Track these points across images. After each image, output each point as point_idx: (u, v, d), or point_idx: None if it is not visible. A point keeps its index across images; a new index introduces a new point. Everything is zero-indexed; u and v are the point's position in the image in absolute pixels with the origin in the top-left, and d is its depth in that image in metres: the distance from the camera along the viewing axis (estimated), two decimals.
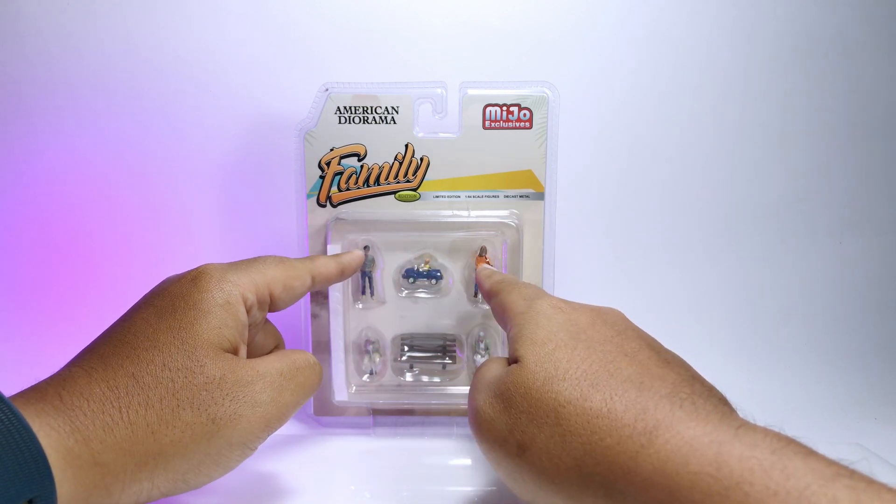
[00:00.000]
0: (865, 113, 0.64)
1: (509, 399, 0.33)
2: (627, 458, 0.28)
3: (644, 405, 0.29)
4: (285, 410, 0.36)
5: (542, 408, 0.31)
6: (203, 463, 0.34)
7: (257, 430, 0.35)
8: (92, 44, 0.59)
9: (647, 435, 0.28)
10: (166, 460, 0.33)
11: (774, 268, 0.65)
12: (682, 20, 0.61)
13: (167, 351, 0.34)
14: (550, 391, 0.31)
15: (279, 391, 0.36)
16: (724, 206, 0.64)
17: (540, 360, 0.33)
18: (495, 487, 0.42)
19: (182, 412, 0.33)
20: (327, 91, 0.46)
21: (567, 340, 0.34)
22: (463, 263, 0.49)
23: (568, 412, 0.30)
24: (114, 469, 0.31)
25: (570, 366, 0.32)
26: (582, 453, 0.29)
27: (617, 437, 0.29)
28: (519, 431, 0.32)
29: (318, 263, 0.43)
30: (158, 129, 0.61)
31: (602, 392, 0.30)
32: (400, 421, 0.50)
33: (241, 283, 0.38)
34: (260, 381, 0.36)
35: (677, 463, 0.26)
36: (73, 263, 0.63)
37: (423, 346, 0.50)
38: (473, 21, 0.60)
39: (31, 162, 0.62)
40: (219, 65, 0.60)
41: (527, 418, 0.32)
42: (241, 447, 0.35)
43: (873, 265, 0.65)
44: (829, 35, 0.62)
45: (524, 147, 0.47)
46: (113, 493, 0.32)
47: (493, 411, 0.33)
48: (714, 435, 0.26)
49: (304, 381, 0.38)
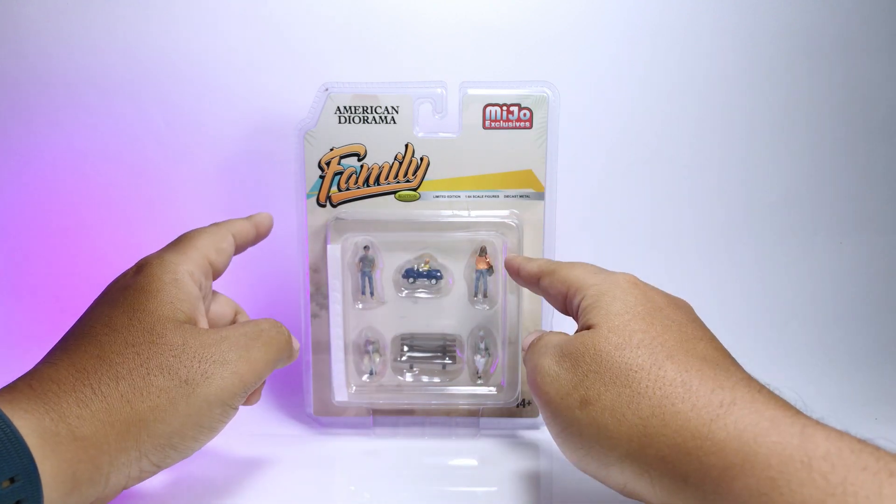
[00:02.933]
0: (865, 113, 0.64)
1: (577, 358, 0.33)
2: (700, 423, 0.28)
3: (721, 382, 0.30)
4: (256, 366, 0.37)
5: (612, 369, 0.32)
6: (186, 425, 0.34)
7: (231, 386, 0.35)
8: (91, 44, 0.59)
9: (724, 407, 0.28)
10: (148, 426, 0.33)
11: (774, 268, 0.65)
12: (683, 20, 0.61)
13: (126, 331, 0.35)
14: (623, 356, 0.32)
15: (246, 349, 0.37)
16: (725, 206, 0.64)
17: (615, 327, 0.33)
18: (496, 488, 0.42)
19: (153, 378, 0.34)
20: (327, 91, 0.46)
21: (643, 314, 0.34)
22: (463, 263, 0.49)
23: (640, 377, 0.31)
24: (96, 441, 0.32)
25: (645, 336, 0.32)
26: (649, 414, 0.30)
27: (691, 404, 0.29)
28: (584, 387, 0.32)
29: (235, 224, 0.44)
30: (158, 128, 0.61)
31: (677, 364, 0.31)
32: (400, 421, 0.50)
33: (180, 260, 0.39)
34: (224, 342, 0.36)
35: (756, 433, 0.26)
36: (73, 263, 0.63)
37: (423, 346, 0.50)
38: (473, 21, 0.60)
39: (30, 162, 0.62)
40: (218, 64, 0.60)
41: (595, 376, 0.32)
42: (220, 405, 0.35)
43: (873, 265, 0.65)
44: (829, 35, 0.62)
45: (524, 147, 0.47)
46: (101, 467, 0.32)
47: (558, 368, 0.34)
48: (796, 418, 0.27)
49: (270, 339, 0.39)
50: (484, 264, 0.48)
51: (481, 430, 0.50)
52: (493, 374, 0.50)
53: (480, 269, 0.48)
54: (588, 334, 0.34)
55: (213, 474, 0.43)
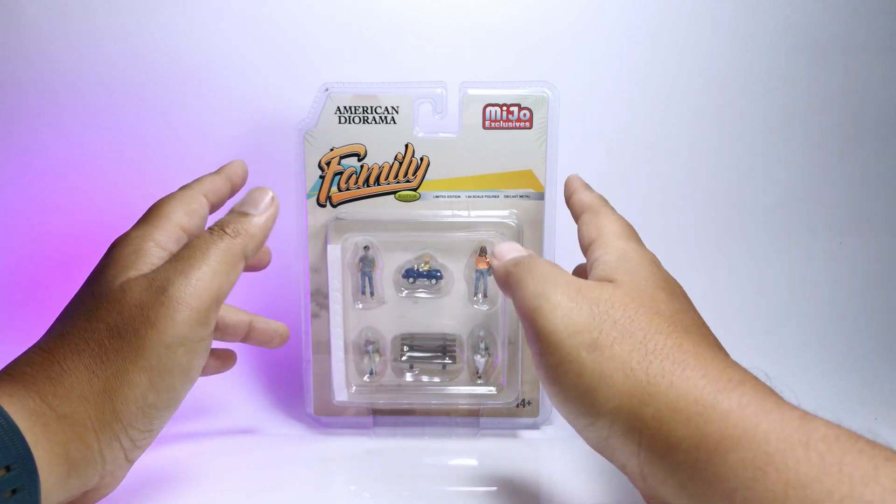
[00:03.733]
0: (865, 113, 0.64)
1: (597, 302, 0.32)
2: (707, 392, 0.28)
3: (732, 365, 0.30)
4: (201, 287, 0.34)
5: (632, 324, 0.31)
6: (153, 377, 0.33)
7: (182, 320, 0.33)
8: (92, 44, 0.59)
9: (732, 383, 0.28)
10: (118, 393, 0.32)
11: (774, 268, 0.65)
12: (683, 20, 0.61)
13: (83, 303, 0.35)
14: (645, 316, 0.32)
15: (184, 276, 0.34)
16: (724, 205, 0.64)
17: (640, 289, 0.33)
18: (496, 487, 0.43)
19: (107, 343, 0.33)
20: (327, 91, 0.46)
21: (666, 290, 0.34)
22: (463, 263, 0.49)
23: (657, 339, 0.31)
24: (78, 419, 0.31)
25: (667, 308, 0.32)
26: (658, 373, 0.29)
27: (702, 372, 0.29)
28: (598, 331, 0.31)
29: (204, 181, 0.42)
30: (158, 128, 0.61)
31: (694, 340, 0.31)
32: (400, 421, 0.50)
33: (146, 233, 0.37)
34: (157, 277, 0.34)
35: (759, 409, 0.27)
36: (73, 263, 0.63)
37: (423, 346, 0.50)
38: (473, 21, 0.60)
39: (31, 162, 0.62)
40: (218, 64, 0.60)
41: (611, 325, 0.31)
42: (180, 344, 0.34)
43: (873, 265, 0.65)
44: (829, 35, 0.62)
45: (524, 147, 0.47)
46: (91, 444, 0.32)
47: (572, 304, 0.32)
48: (800, 411, 0.27)
49: (205, 251, 0.36)
50: (484, 264, 0.48)
51: (481, 430, 0.50)
52: (493, 374, 0.50)
53: (480, 269, 0.48)
54: (611, 286, 0.33)
55: (214, 474, 0.43)
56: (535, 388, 0.50)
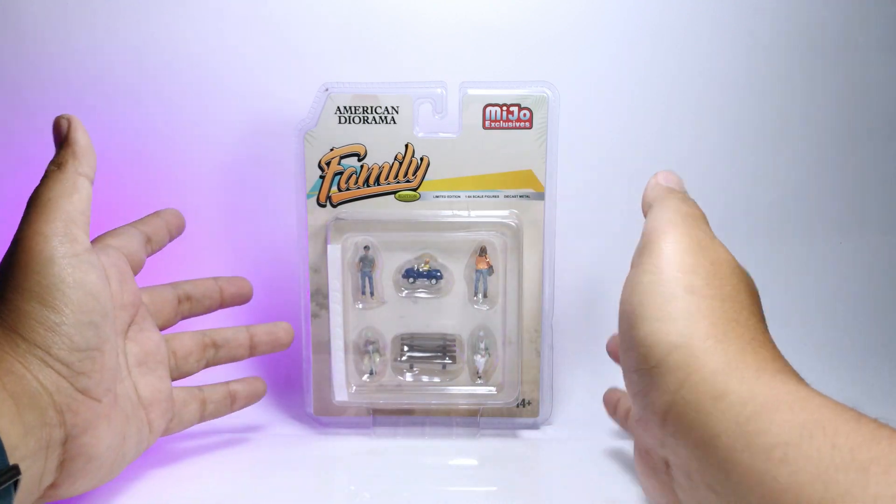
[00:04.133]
0: (865, 113, 0.64)
1: (715, 261, 0.36)
2: (752, 374, 0.30)
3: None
4: (49, 208, 0.38)
5: (727, 291, 0.34)
6: (44, 297, 0.34)
7: (43, 235, 0.36)
8: (91, 44, 0.59)
9: (787, 368, 0.32)
10: (16, 322, 0.33)
11: (774, 267, 0.65)
12: (683, 20, 0.61)
13: None
14: (742, 294, 0.35)
15: (34, 206, 0.39)
16: (724, 205, 0.64)
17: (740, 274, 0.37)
18: (496, 488, 0.43)
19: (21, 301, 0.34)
20: (327, 91, 0.46)
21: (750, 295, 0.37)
22: (463, 263, 0.49)
23: (742, 311, 0.34)
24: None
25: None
26: (728, 334, 0.32)
27: (771, 354, 0.33)
28: (702, 280, 0.34)
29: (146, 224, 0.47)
30: (158, 129, 0.61)
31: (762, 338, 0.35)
32: (400, 421, 0.50)
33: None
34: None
35: (814, 393, 0.29)
36: None
37: (423, 346, 0.50)
38: (473, 21, 0.60)
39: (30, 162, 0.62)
40: (218, 64, 0.60)
41: (718, 284, 0.34)
42: (51, 262, 0.35)
43: (873, 265, 0.65)
44: (829, 35, 0.62)
45: (524, 147, 0.47)
46: (21, 374, 0.32)
47: (696, 247, 0.36)
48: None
49: (41, 188, 0.39)
50: (484, 264, 0.48)
51: (481, 430, 0.50)
52: (493, 374, 0.50)
53: (480, 269, 0.48)
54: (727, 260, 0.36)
55: (213, 474, 0.43)
56: (535, 388, 0.50)
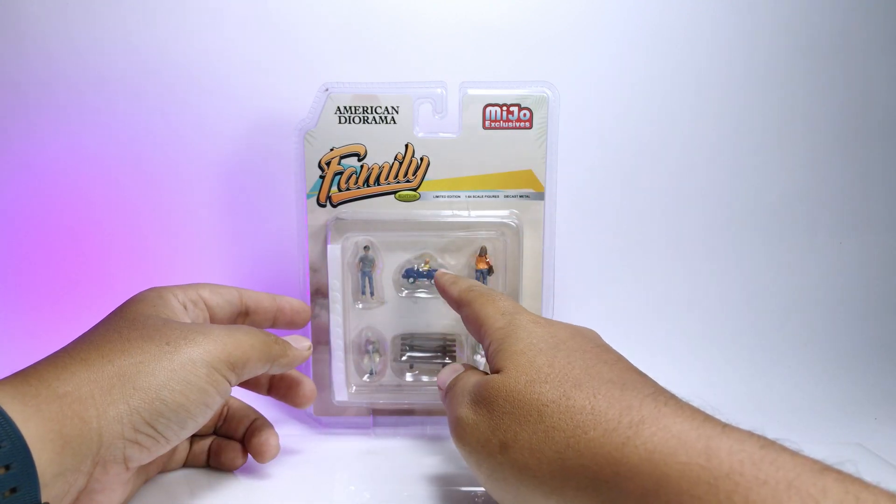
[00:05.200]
0: (865, 113, 0.64)
1: (491, 403, 0.34)
2: (613, 448, 0.28)
3: (629, 402, 0.30)
4: (240, 345, 0.37)
5: (524, 408, 0.32)
6: (172, 379, 0.34)
7: (215, 351, 0.36)
8: (92, 44, 0.59)
9: (633, 427, 0.28)
10: (132, 379, 0.33)
11: (774, 268, 0.65)
12: (683, 20, 0.61)
13: (109, 323, 0.37)
14: (533, 392, 0.33)
15: (229, 331, 0.37)
16: (725, 205, 0.64)
17: (521, 366, 0.34)
18: None
19: (135, 343, 0.35)
20: (327, 91, 0.46)
21: (546, 349, 0.35)
22: (463, 263, 0.49)
23: (551, 410, 0.31)
24: (79, 396, 0.32)
25: (551, 370, 0.33)
26: (564, 447, 0.30)
27: (602, 430, 0.29)
28: (501, 431, 0.33)
29: (250, 290, 0.45)
30: (158, 129, 0.61)
31: (585, 391, 0.31)
32: (400, 421, 0.50)
33: (170, 289, 0.41)
34: (207, 324, 0.39)
35: (665, 453, 0.27)
36: (74, 262, 0.63)
37: (423, 346, 0.50)
38: (473, 21, 0.60)
39: (31, 161, 0.62)
40: (219, 65, 0.60)
41: (509, 419, 0.33)
42: (205, 366, 0.35)
43: (873, 265, 0.65)
44: (829, 35, 0.62)
45: (524, 147, 0.47)
46: (89, 421, 0.32)
47: (475, 415, 0.34)
48: (701, 430, 0.27)
49: (252, 332, 0.39)
50: (484, 264, 0.48)
51: None
52: None
53: (480, 269, 0.48)
54: (498, 378, 0.34)
55: (214, 474, 0.43)
56: None
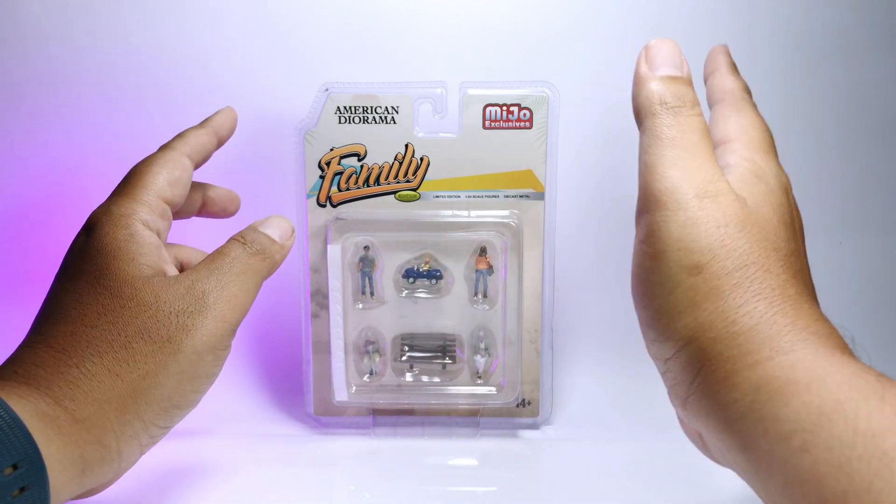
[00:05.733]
0: (865, 113, 0.63)
1: (724, 220, 0.30)
2: (788, 340, 0.27)
3: (822, 320, 0.30)
4: (236, 302, 0.35)
5: (744, 258, 0.29)
6: (181, 381, 0.33)
7: (215, 330, 0.34)
8: (91, 44, 0.59)
9: (817, 335, 0.28)
10: (144, 395, 0.32)
11: None
12: (682, 20, 0.61)
13: (94, 300, 0.33)
14: (762, 250, 0.30)
15: (221, 287, 0.35)
16: None
17: (766, 221, 0.31)
18: (496, 487, 0.43)
19: (135, 346, 0.33)
20: (327, 91, 0.46)
21: (790, 228, 0.32)
22: (463, 263, 0.49)
23: (763, 279, 0.29)
24: (97, 422, 0.31)
25: (785, 246, 0.31)
26: (748, 312, 0.28)
27: (791, 319, 0.28)
28: (710, 254, 0.29)
29: (188, 139, 0.41)
30: (159, 128, 0.61)
31: (798, 287, 0.30)
32: (400, 421, 0.50)
33: (131, 210, 0.36)
34: (196, 286, 0.35)
35: (834, 361, 0.26)
36: None
37: (423, 346, 0.50)
38: (473, 21, 0.60)
39: (30, 161, 0.62)
40: (218, 64, 0.60)
41: (726, 253, 0.29)
42: (210, 352, 0.34)
43: (873, 265, 0.65)
44: (829, 35, 0.62)
45: (524, 147, 0.47)
46: (109, 445, 0.31)
47: (700, 212, 0.30)
48: (877, 372, 0.27)
49: (244, 268, 0.36)
50: (484, 264, 0.48)
51: (481, 430, 0.50)
52: (493, 374, 0.50)
53: (480, 269, 0.48)
54: (741, 205, 0.31)
55: (214, 474, 0.43)
56: (535, 388, 0.50)
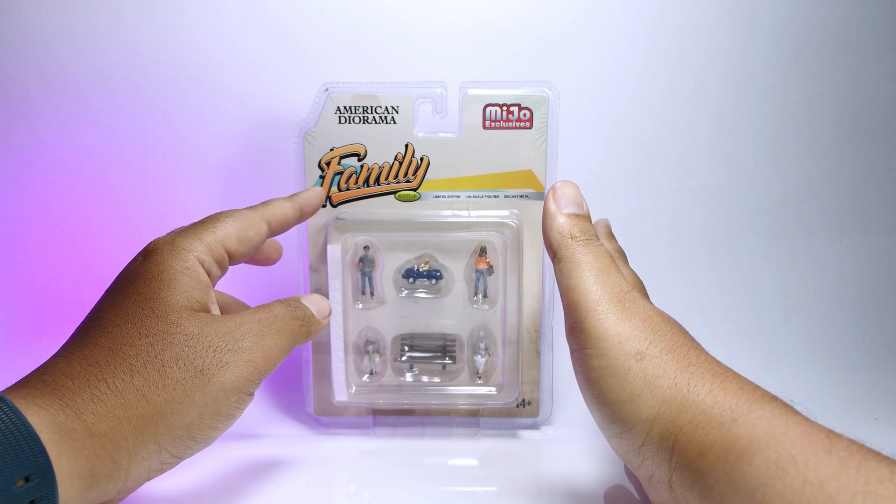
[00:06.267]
0: (865, 113, 0.64)
1: (647, 317, 0.34)
2: (741, 402, 0.30)
3: (761, 388, 0.32)
4: (270, 353, 0.37)
5: (673, 341, 0.33)
6: (203, 415, 0.34)
7: (247, 374, 0.35)
8: (92, 44, 0.59)
9: (766, 398, 0.30)
10: (165, 419, 0.33)
11: (774, 268, 0.65)
12: (683, 19, 0.61)
13: (139, 321, 0.34)
14: (684, 337, 0.34)
15: (260, 336, 0.36)
16: (725, 205, 0.64)
17: (672, 321, 0.35)
18: (496, 487, 0.43)
19: (168, 370, 0.33)
20: (327, 91, 0.46)
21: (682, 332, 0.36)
22: (463, 263, 0.49)
23: (695, 356, 0.33)
24: (113, 437, 0.31)
25: (692, 345, 0.34)
26: (699, 383, 0.31)
27: (738, 385, 0.31)
28: (646, 341, 0.33)
29: (273, 207, 0.42)
30: (159, 128, 0.61)
31: (720, 363, 0.33)
32: (400, 421, 0.50)
33: (192, 247, 0.37)
34: (239, 329, 0.36)
35: (789, 420, 0.29)
36: (74, 261, 0.63)
37: (423, 346, 0.50)
38: (473, 21, 0.60)
39: (31, 161, 0.62)
40: (219, 64, 0.60)
41: (659, 338, 0.33)
42: (236, 393, 0.35)
43: (873, 265, 0.65)
44: (829, 34, 0.62)
45: (524, 147, 0.47)
46: (119, 462, 0.31)
47: (626, 312, 0.34)
48: (827, 429, 0.29)
49: (284, 326, 0.38)
50: (484, 264, 0.48)
51: (481, 430, 0.50)
52: (493, 374, 0.50)
53: (480, 269, 0.48)
54: (654, 308, 0.35)
55: (214, 474, 0.43)
56: (535, 388, 0.50)
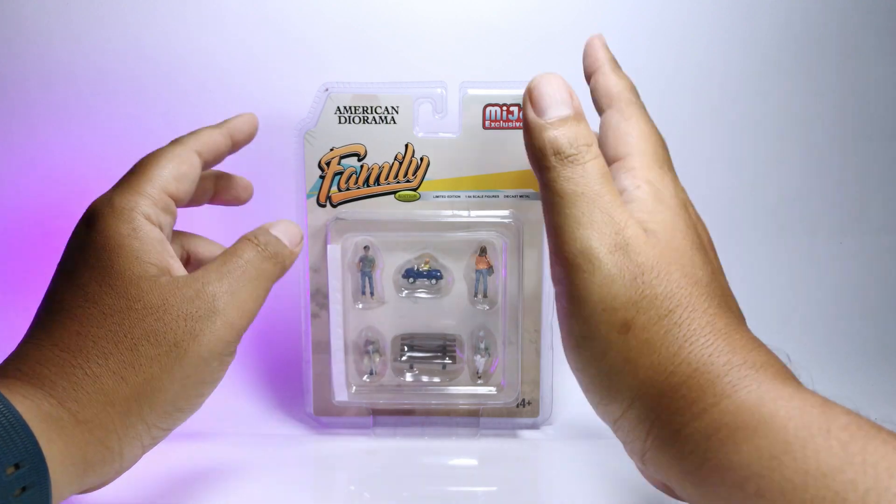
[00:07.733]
0: (865, 113, 0.64)
1: (641, 270, 0.29)
2: (728, 383, 0.27)
3: (758, 348, 0.29)
4: (245, 308, 0.35)
5: (668, 303, 0.28)
6: (186, 387, 0.33)
7: (223, 337, 0.33)
8: (93, 43, 0.59)
9: (755, 367, 0.27)
10: (148, 399, 0.32)
11: (774, 267, 0.65)
12: (683, 20, 0.61)
13: (100, 300, 0.33)
14: (684, 289, 0.29)
15: (231, 293, 0.34)
16: (724, 205, 0.64)
17: (679, 252, 0.30)
18: (496, 487, 0.43)
19: (141, 349, 0.32)
20: (327, 91, 0.46)
21: (702, 251, 0.31)
22: (463, 263, 0.49)
23: (691, 320, 0.28)
24: (100, 423, 0.31)
25: (704, 274, 0.30)
26: (685, 360, 0.28)
27: (727, 358, 0.27)
28: (634, 309, 0.28)
29: (201, 136, 0.39)
30: (159, 128, 0.61)
31: (725, 316, 0.29)
32: (400, 421, 0.50)
33: (134, 203, 0.35)
34: (206, 290, 0.34)
35: (778, 396, 0.26)
36: None
37: (423, 346, 0.50)
38: (473, 21, 0.60)
39: (31, 160, 0.62)
40: (219, 64, 0.60)
41: (650, 302, 0.28)
42: (217, 357, 0.34)
43: (873, 265, 0.65)
44: (829, 35, 0.62)
45: (524, 147, 0.47)
46: (111, 447, 0.31)
47: (616, 269, 0.29)
48: (821, 398, 0.27)
49: (256, 272, 0.36)
50: (484, 264, 0.48)
51: (481, 430, 0.50)
52: (493, 374, 0.50)
53: (480, 269, 0.48)
54: (653, 244, 0.29)
55: (214, 474, 0.43)
56: (535, 388, 0.50)
